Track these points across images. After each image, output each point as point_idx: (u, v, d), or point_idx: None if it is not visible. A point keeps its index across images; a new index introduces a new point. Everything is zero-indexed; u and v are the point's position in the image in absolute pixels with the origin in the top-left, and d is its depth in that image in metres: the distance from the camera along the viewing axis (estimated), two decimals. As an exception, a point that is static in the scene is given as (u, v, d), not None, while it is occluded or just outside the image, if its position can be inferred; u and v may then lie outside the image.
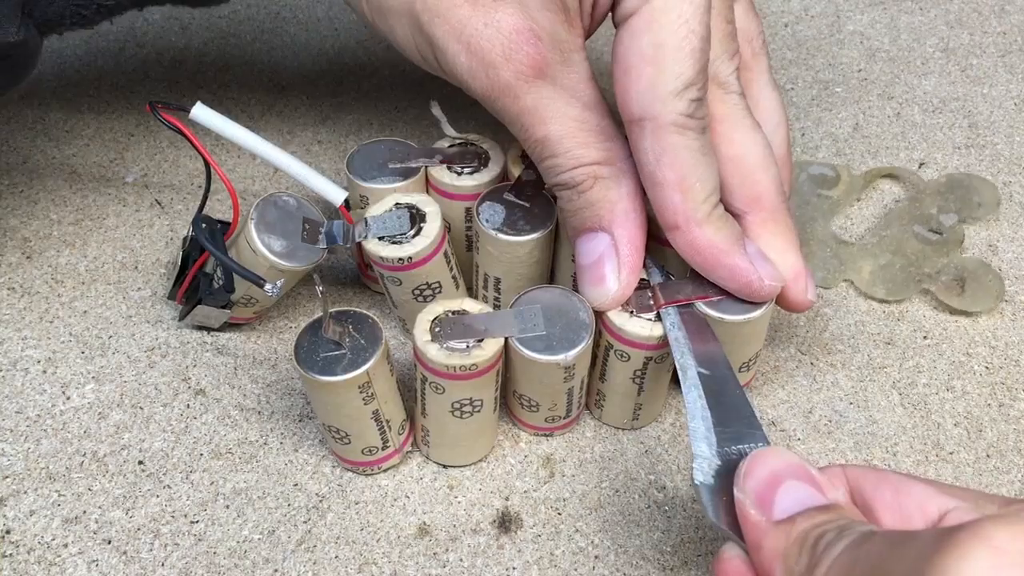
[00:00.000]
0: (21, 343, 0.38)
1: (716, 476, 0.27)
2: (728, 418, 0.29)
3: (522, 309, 0.32)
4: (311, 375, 0.30)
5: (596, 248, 0.32)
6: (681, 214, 0.31)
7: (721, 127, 0.32)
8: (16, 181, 0.45)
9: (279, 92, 0.50)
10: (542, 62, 0.30)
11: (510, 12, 0.30)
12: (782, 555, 0.24)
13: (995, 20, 0.55)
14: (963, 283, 0.40)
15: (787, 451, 0.27)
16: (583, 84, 0.31)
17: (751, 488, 0.25)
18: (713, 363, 0.31)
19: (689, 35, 0.29)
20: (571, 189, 0.32)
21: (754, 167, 0.33)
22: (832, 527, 0.23)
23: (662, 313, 0.32)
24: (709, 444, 0.28)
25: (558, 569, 0.32)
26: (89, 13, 0.35)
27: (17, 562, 0.32)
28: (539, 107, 0.31)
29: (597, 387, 0.35)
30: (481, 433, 0.34)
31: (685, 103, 0.30)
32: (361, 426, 0.32)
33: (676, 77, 0.29)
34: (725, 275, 0.32)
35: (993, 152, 0.47)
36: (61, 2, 0.35)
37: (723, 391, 0.30)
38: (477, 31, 0.30)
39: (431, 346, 0.30)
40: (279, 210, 0.34)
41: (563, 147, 0.31)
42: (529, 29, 0.30)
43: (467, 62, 0.31)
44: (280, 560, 0.32)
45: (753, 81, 0.36)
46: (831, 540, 0.23)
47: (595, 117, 0.31)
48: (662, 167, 0.30)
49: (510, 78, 0.30)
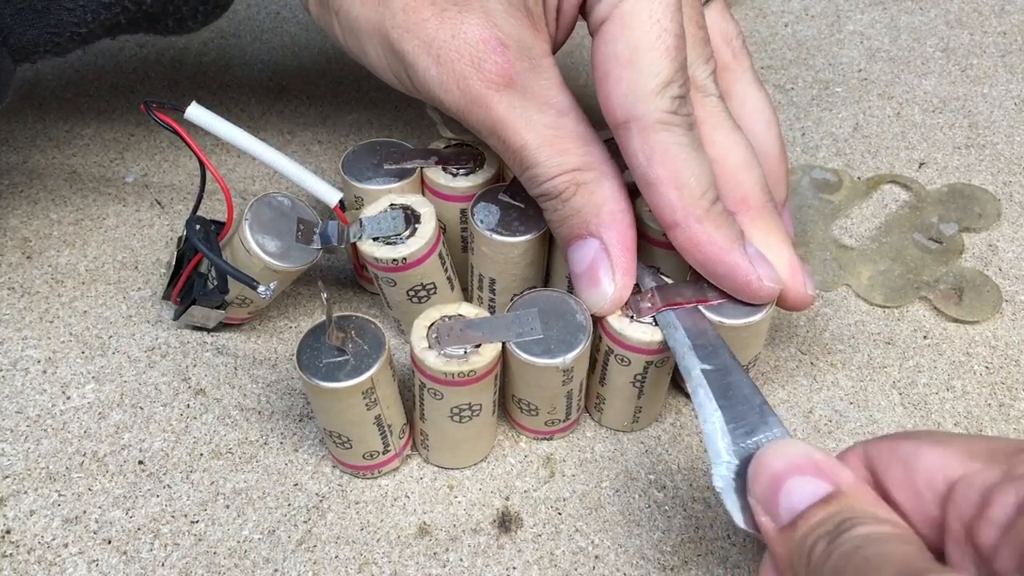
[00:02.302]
0: (21, 343, 0.38)
1: (737, 477, 0.27)
2: (739, 412, 0.29)
3: (519, 313, 0.32)
4: (314, 381, 0.30)
5: (587, 254, 0.32)
6: (679, 210, 0.30)
7: (702, 130, 0.32)
8: (16, 181, 0.45)
9: (279, 92, 0.50)
10: (511, 70, 0.30)
11: (475, 22, 0.30)
12: (788, 562, 0.24)
13: (995, 20, 0.55)
14: (961, 292, 0.40)
15: (792, 443, 0.26)
16: (554, 90, 0.31)
17: (758, 492, 0.25)
18: (715, 356, 0.30)
19: (662, 34, 0.29)
20: (555, 198, 0.32)
21: (737, 167, 0.33)
22: (823, 532, 0.23)
23: (659, 316, 0.32)
24: (725, 446, 0.28)
25: (558, 569, 0.32)
26: (62, 41, 0.35)
27: (17, 562, 0.32)
28: (512, 116, 0.31)
29: (597, 391, 0.35)
30: (480, 437, 0.34)
31: (667, 100, 0.30)
32: (363, 431, 0.32)
33: (655, 76, 0.29)
34: (724, 273, 0.31)
35: (993, 152, 0.47)
36: (35, 30, 0.35)
37: (730, 384, 0.29)
38: (445, 43, 0.30)
39: (429, 353, 0.30)
40: (273, 210, 0.34)
41: (542, 156, 0.31)
42: (495, 38, 0.30)
43: (438, 75, 0.31)
44: (280, 560, 0.32)
45: (736, 82, 0.36)
46: (825, 547, 0.23)
47: (570, 123, 0.31)
48: (653, 166, 0.30)
49: (480, 88, 0.30)
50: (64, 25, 0.35)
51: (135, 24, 0.37)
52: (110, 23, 0.36)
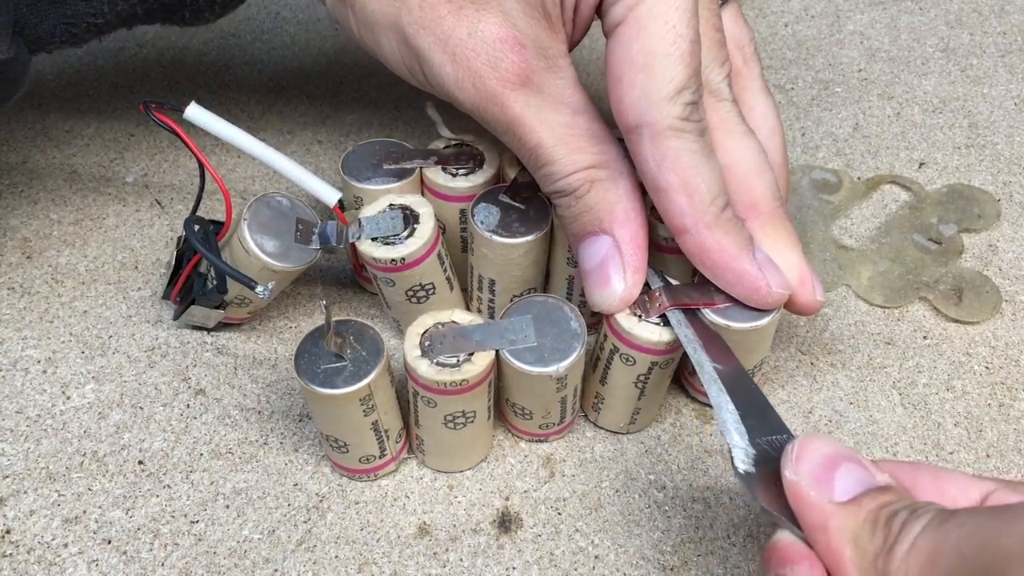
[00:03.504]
0: (21, 343, 0.38)
1: (756, 464, 0.27)
2: (751, 411, 0.29)
3: (512, 320, 0.32)
4: (312, 387, 0.30)
5: (599, 251, 0.32)
6: (689, 216, 0.30)
7: (714, 135, 0.32)
8: (16, 181, 0.45)
9: (279, 92, 0.50)
10: (528, 69, 0.30)
11: (493, 21, 0.30)
12: (851, 535, 0.24)
13: (995, 20, 0.55)
14: (960, 293, 0.40)
15: (831, 438, 0.26)
16: (570, 89, 0.31)
17: (807, 470, 0.25)
18: (724, 360, 0.30)
19: (677, 40, 0.29)
20: (569, 195, 0.32)
21: (749, 173, 0.33)
22: (901, 506, 0.23)
23: (668, 314, 0.32)
24: (740, 434, 0.28)
25: (558, 569, 0.32)
26: (79, 31, 0.36)
27: (17, 562, 0.32)
28: (528, 115, 0.31)
29: (596, 390, 0.35)
30: (475, 442, 0.34)
31: (680, 107, 0.30)
32: (360, 436, 0.32)
33: (668, 82, 0.29)
34: (732, 280, 0.31)
35: (993, 152, 0.47)
36: (51, 20, 0.35)
37: (740, 386, 0.30)
38: (461, 41, 0.30)
39: (421, 362, 0.30)
40: (272, 210, 0.34)
41: (557, 154, 0.31)
42: (513, 37, 0.30)
43: (453, 72, 0.31)
44: (280, 560, 0.32)
45: (746, 88, 0.36)
46: (906, 519, 0.23)
47: (585, 121, 0.31)
48: (664, 172, 0.30)
49: (496, 87, 0.31)
50: (80, 15, 0.35)
51: (152, 15, 0.37)
52: (127, 13, 0.36)
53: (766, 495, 0.26)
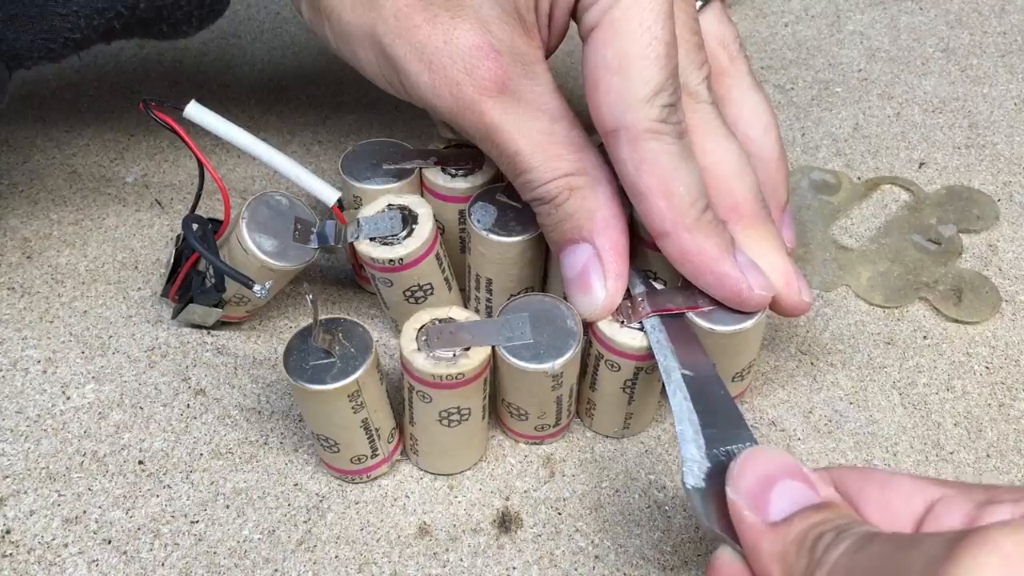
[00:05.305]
0: (21, 343, 0.38)
1: (707, 479, 0.27)
2: (715, 420, 0.29)
3: (509, 317, 0.32)
4: (300, 383, 0.30)
5: (580, 259, 0.32)
6: (669, 220, 0.30)
7: (694, 137, 0.32)
8: (16, 181, 0.45)
9: (279, 92, 0.50)
10: (504, 76, 0.30)
11: (468, 28, 0.30)
12: (780, 557, 0.24)
13: (995, 20, 0.55)
14: (960, 294, 0.40)
15: (778, 449, 0.26)
16: (547, 96, 0.31)
17: (745, 489, 0.25)
18: (696, 366, 0.30)
19: (652, 42, 0.29)
20: (548, 203, 0.32)
21: (728, 175, 0.32)
22: (830, 527, 0.23)
23: (644, 320, 0.32)
24: (698, 447, 0.28)
25: (558, 569, 0.32)
26: (56, 47, 0.35)
27: (17, 562, 0.32)
28: (506, 122, 0.31)
29: (588, 396, 0.35)
30: (470, 442, 0.34)
31: (657, 109, 0.29)
32: (350, 435, 0.32)
33: (644, 84, 0.29)
34: (714, 282, 0.31)
35: (993, 152, 0.47)
36: (28, 36, 0.34)
37: (708, 393, 0.29)
38: (437, 49, 0.30)
39: (417, 355, 0.30)
40: (271, 209, 0.34)
41: (535, 161, 0.31)
42: (488, 44, 0.30)
43: (430, 81, 0.31)
44: (280, 560, 0.32)
45: (734, 87, 0.36)
46: (830, 541, 0.23)
47: (563, 128, 0.31)
48: (643, 175, 0.30)
49: (473, 94, 0.30)
50: (58, 31, 0.35)
51: (129, 29, 0.37)
52: (104, 28, 0.36)
53: (716, 509, 0.26)
